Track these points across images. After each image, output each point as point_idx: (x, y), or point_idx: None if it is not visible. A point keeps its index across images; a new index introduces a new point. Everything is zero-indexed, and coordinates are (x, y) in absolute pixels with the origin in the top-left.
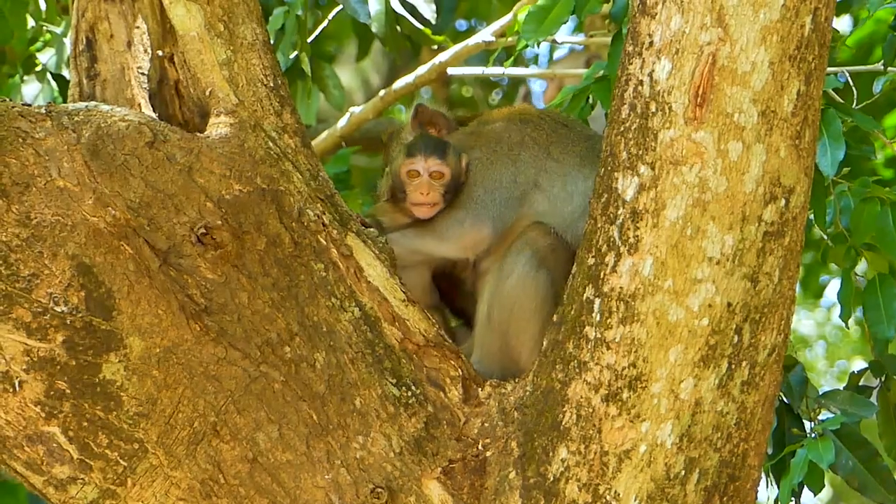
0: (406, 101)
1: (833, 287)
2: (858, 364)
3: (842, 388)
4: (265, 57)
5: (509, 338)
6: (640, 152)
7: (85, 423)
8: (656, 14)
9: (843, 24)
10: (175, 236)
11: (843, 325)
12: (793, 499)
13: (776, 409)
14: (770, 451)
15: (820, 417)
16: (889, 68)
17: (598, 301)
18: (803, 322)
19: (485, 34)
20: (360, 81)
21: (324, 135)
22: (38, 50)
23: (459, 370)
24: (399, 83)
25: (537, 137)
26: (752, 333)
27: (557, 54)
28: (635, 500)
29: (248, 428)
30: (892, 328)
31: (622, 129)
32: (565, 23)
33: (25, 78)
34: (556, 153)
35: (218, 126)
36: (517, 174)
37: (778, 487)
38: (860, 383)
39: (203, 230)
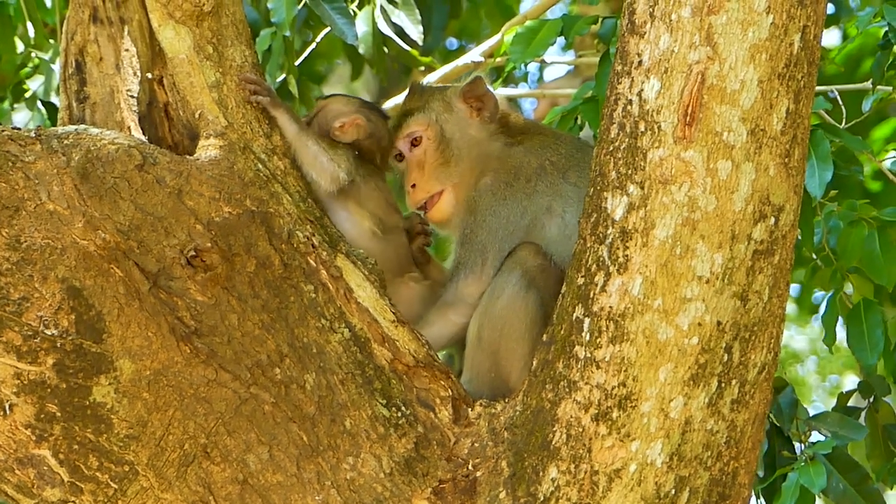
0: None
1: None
2: (850, 379)
3: (831, 410)
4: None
5: (499, 357)
6: (630, 171)
7: (75, 446)
8: (645, 33)
9: (831, 36)
10: (165, 259)
11: (828, 348)
12: None
13: (766, 432)
14: (761, 473)
15: (810, 440)
16: (878, 87)
17: (587, 320)
18: (795, 338)
19: (474, 54)
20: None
21: None
22: (27, 76)
23: (449, 390)
24: (388, 104)
25: (556, 162)
26: (742, 352)
27: (554, 74)
28: None
29: (238, 449)
30: (875, 355)
31: (611, 148)
32: (553, 44)
33: (15, 105)
34: (573, 177)
35: (207, 148)
36: (529, 206)
37: None
38: (849, 404)
39: (193, 252)
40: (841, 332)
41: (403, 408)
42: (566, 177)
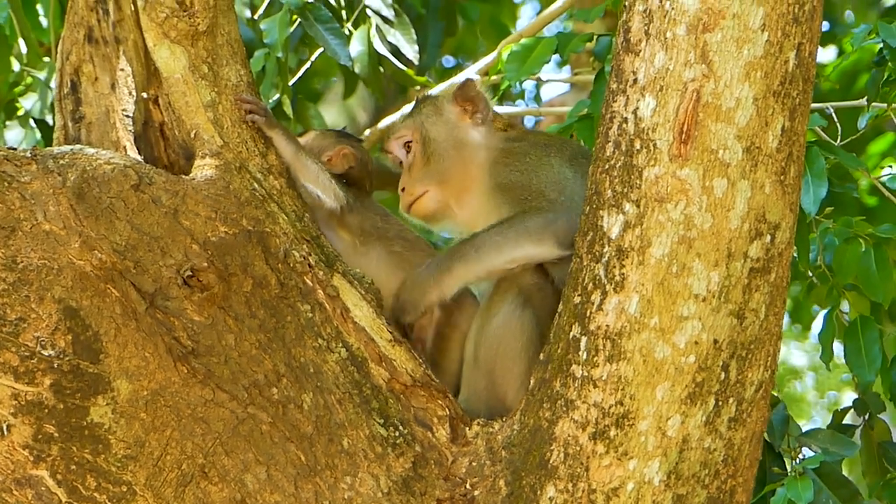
0: None
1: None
2: (848, 396)
3: (824, 427)
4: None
5: (495, 377)
6: (625, 190)
7: (73, 467)
8: (640, 51)
9: (827, 53)
10: (161, 279)
11: (825, 366)
12: None
13: None
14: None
15: (801, 456)
16: (873, 104)
17: (584, 339)
18: (794, 353)
19: (470, 72)
20: (346, 118)
21: None
22: (21, 95)
23: (447, 410)
24: (385, 122)
25: (560, 153)
26: (739, 370)
27: (553, 91)
28: None
29: (236, 469)
30: (872, 372)
31: (607, 166)
32: (548, 62)
33: (8, 123)
34: (575, 166)
35: (203, 168)
36: (567, 174)
37: None
38: (844, 421)
39: (189, 272)
40: (838, 349)
41: (401, 427)
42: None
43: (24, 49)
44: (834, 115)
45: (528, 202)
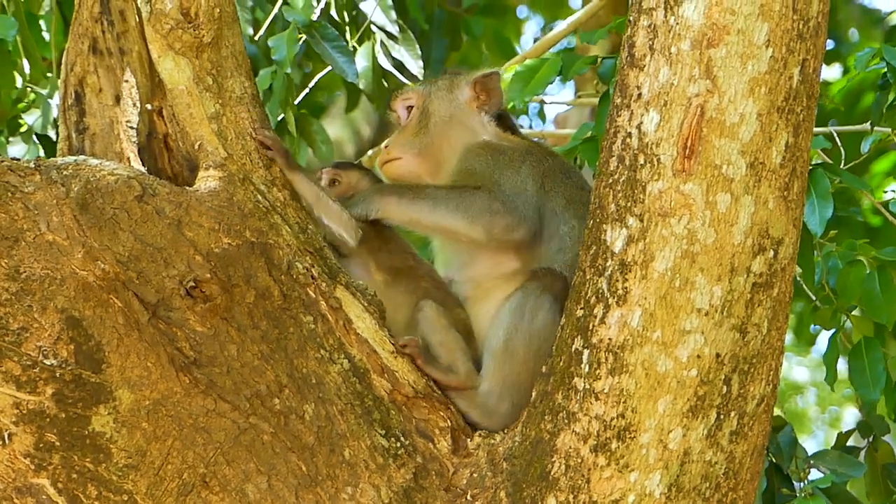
0: None
1: (826, 335)
2: (850, 411)
3: (830, 449)
4: (254, 110)
5: (532, 372)
6: (629, 204)
7: (74, 475)
8: (644, 66)
9: (832, 71)
10: (164, 289)
11: (830, 387)
12: None
13: (766, 470)
14: None
15: (809, 478)
16: (876, 128)
17: (586, 352)
18: (795, 369)
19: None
20: (350, 133)
21: None
22: (24, 110)
23: (448, 421)
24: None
25: (535, 166)
26: (741, 384)
27: (558, 108)
28: None
29: (237, 479)
30: (877, 391)
31: (610, 181)
32: (552, 83)
33: (11, 139)
34: (548, 185)
35: (207, 179)
36: (530, 188)
37: None
38: (848, 443)
39: (192, 283)
40: (841, 365)
41: (402, 438)
42: (543, 184)
43: (27, 66)
44: (837, 138)
45: (484, 185)
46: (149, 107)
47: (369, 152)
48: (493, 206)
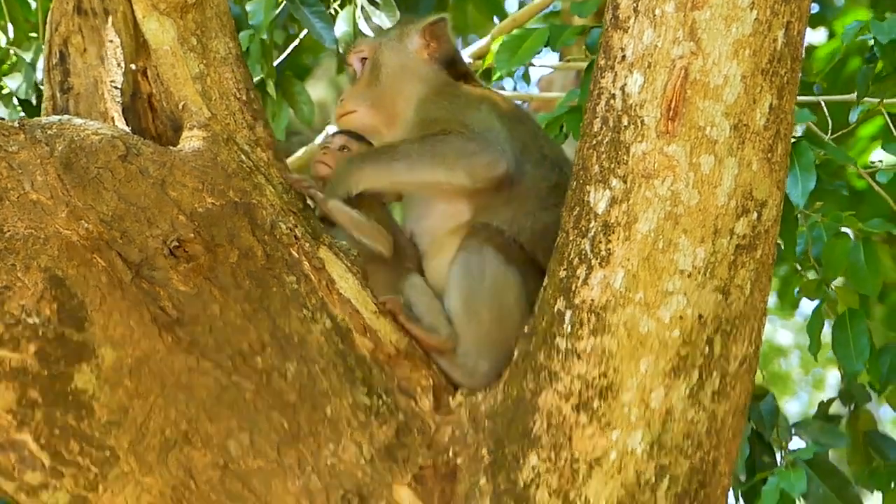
0: None
1: (809, 300)
2: (833, 374)
3: (812, 418)
4: (238, 71)
5: (498, 331)
6: (612, 166)
7: (57, 431)
8: (629, 28)
9: (817, 34)
10: (148, 249)
11: (813, 357)
12: None
13: (747, 438)
14: (742, 477)
15: (791, 446)
16: (864, 98)
17: (569, 313)
18: (779, 332)
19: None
20: (336, 94)
21: (301, 151)
22: (6, 74)
23: (430, 379)
24: None
25: (494, 108)
26: (723, 345)
27: (543, 70)
28: None
29: (219, 435)
30: (860, 362)
31: (594, 142)
32: (539, 53)
33: None
34: (507, 127)
35: (191, 139)
36: (497, 124)
37: None
38: (830, 411)
39: (176, 243)
40: (825, 329)
41: (384, 396)
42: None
43: (10, 28)
44: (825, 106)
45: (453, 129)
46: (133, 67)
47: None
48: (468, 148)
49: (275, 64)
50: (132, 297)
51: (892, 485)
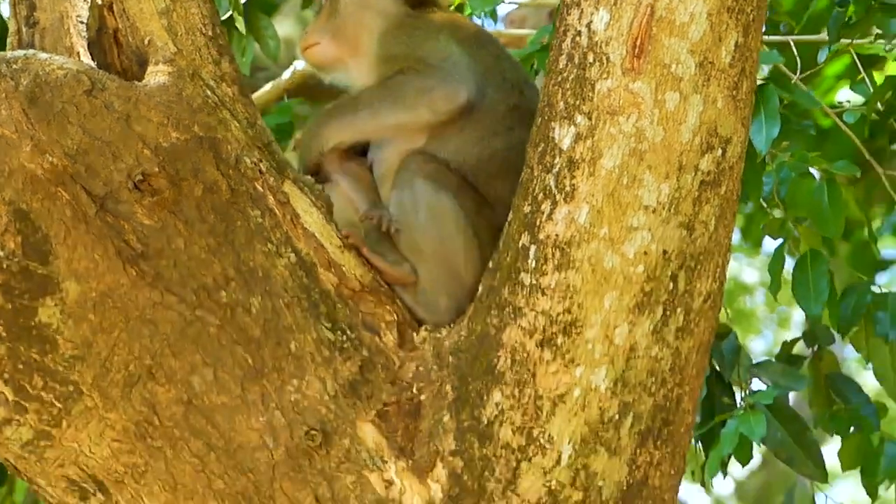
0: None
1: (772, 239)
2: (799, 312)
3: (774, 359)
4: (204, 6)
5: (448, 262)
6: (578, 102)
7: (20, 366)
8: None
9: None
10: (112, 183)
11: (773, 296)
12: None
13: (707, 379)
14: (699, 419)
15: (752, 387)
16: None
17: (533, 248)
18: (745, 270)
19: None
20: (301, 30)
21: (268, 86)
22: None
23: (395, 315)
24: None
25: (453, 34)
26: (688, 281)
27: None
28: (569, 443)
29: (183, 371)
30: (819, 306)
31: (559, 79)
32: None
33: None
34: (468, 52)
35: (156, 74)
36: (455, 51)
37: (707, 456)
38: (793, 351)
39: (140, 177)
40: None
41: (349, 332)
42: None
43: None
44: (793, 46)
45: (411, 66)
46: (99, 1)
47: None
48: (426, 84)
49: None
50: (97, 231)
51: (852, 429)
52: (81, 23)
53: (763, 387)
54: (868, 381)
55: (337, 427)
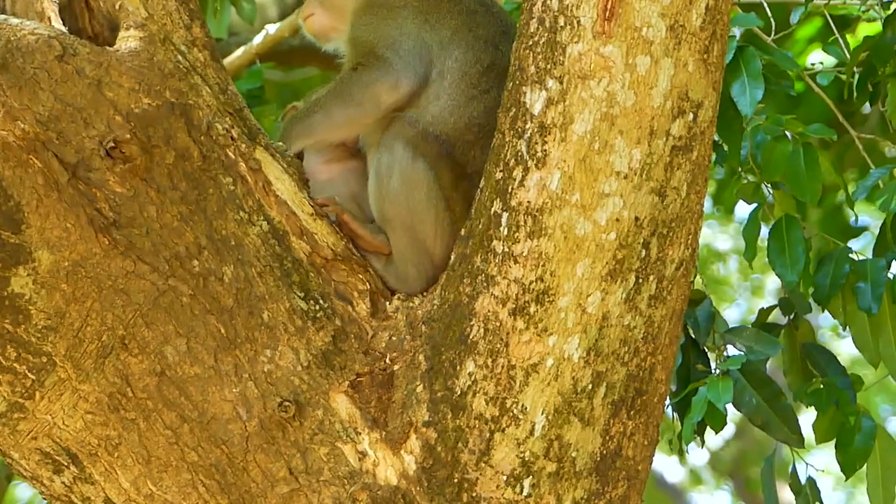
0: None
1: (746, 205)
2: (772, 279)
3: (749, 326)
4: None
5: (415, 232)
6: (549, 66)
7: None
8: None
9: None
10: (84, 150)
11: (748, 263)
12: (696, 436)
13: (681, 346)
14: (675, 387)
15: (726, 354)
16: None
17: (505, 215)
18: (718, 237)
19: None
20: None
21: (239, 51)
22: None
23: (367, 284)
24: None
25: (417, 4)
26: (660, 248)
27: None
28: (542, 413)
29: (156, 341)
30: (795, 272)
31: (530, 42)
32: None
33: None
34: (433, 20)
35: (127, 40)
36: (408, 31)
37: (682, 425)
38: (769, 320)
39: (112, 144)
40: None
41: (321, 301)
42: (427, 20)
43: None
44: (767, 7)
45: (360, 60)
46: None
47: (297, 11)
48: (370, 77)
49: None
50: (69, 199)
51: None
52: None
53: (738, 354)
54: (842, 350)
55: (310, 398)
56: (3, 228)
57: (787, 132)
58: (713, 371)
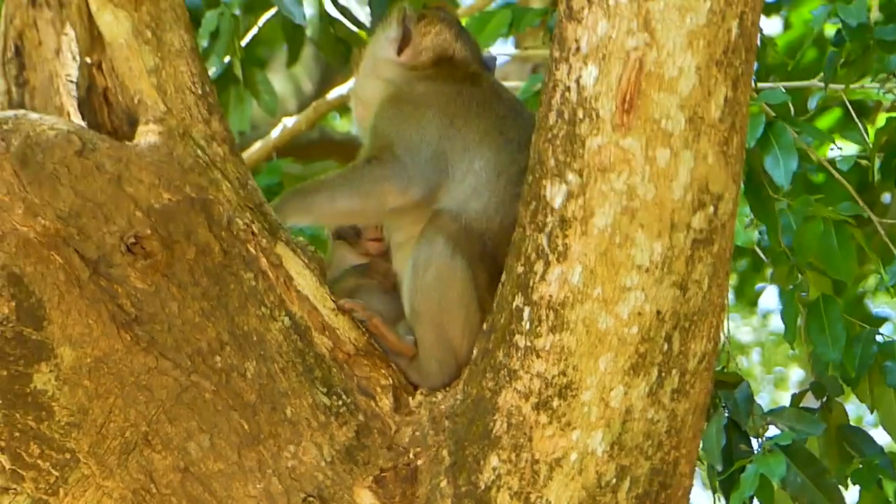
0: (340, 111)
1: (768, 294)
2: (796, 371)
3: (788, 407)
4: (193, 64)
5: (443, 329)
6: (568, 159)
7: (16, 434)
8: (582, 19)
9: (772, 23)
10: (105, 246)
11: (790, 345)
12: None
13: (723, 427)
14: (720, 467)
15: (767, 434)
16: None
17: (527, 309)
18: (740, 329)
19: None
20: (292, 88)
21: (257, 145)
22: None
23: (390, 379)
24: (333, 93)
25: (444, 108)
26: (682, 341)
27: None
28: None
29: (179, 437)
30: (837, 350)
31: (550, 135)
32: (503, 35)
33: None
34: (458, 124)
35: (147, 134)
36: (429, 136)
37: (728, 502)
38: (802, 405)
39: (133, 239)
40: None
41: (344, 396)
42: (453, 122)
43: None
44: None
45: (376, 153)
46: (88, 60)
47: (314, 103)
48: (382, 174)
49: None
50: (90, 295)
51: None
52: (71, 82)
53: (779, 433)
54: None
55: (334, 493)
56: (25, 325)
57: (815, 214)
58: (757, 450)
